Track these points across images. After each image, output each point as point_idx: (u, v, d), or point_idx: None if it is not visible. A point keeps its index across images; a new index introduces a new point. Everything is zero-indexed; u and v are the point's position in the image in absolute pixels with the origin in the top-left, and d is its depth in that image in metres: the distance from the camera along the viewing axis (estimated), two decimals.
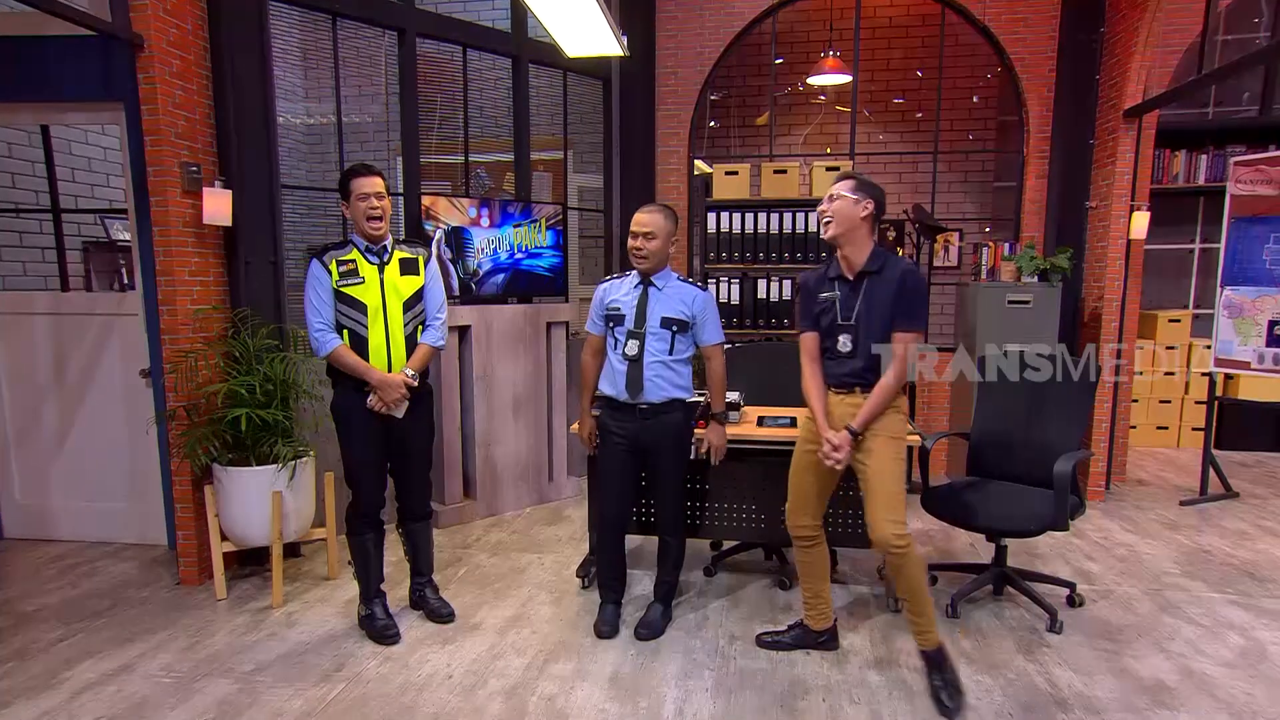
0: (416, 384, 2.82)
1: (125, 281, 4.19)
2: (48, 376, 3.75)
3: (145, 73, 3.08)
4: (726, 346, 2.97)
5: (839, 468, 2.52)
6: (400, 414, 2.80)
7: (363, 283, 2.74)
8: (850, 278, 2.52)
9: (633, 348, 2.77)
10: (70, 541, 3.82)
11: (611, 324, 2.83)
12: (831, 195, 2.50)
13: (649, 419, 2.81)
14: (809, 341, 2.63)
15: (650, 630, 2.89)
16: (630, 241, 2.79)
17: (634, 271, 2.85)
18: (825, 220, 2.50)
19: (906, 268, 2.49)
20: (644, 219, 2.77)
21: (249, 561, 3.51)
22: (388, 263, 2.80)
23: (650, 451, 2.85)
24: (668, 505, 2.95)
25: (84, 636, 2.91)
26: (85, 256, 4.24)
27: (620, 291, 2.85)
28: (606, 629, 2.90)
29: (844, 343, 2.54)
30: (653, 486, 2.98)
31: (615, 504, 2.92)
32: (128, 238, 3.80)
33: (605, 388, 2.86)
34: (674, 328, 2.79)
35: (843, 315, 2.54)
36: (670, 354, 2.79)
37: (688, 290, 2.84)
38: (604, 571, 2.99)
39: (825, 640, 2.81)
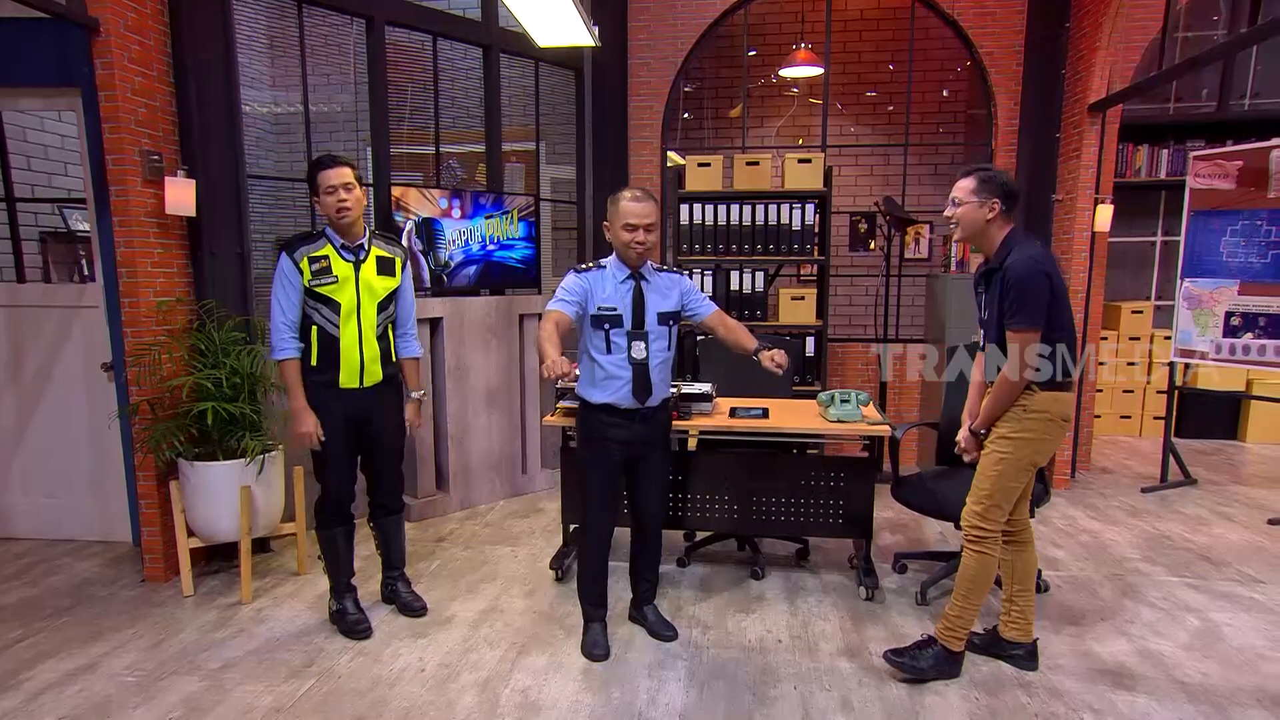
0: (424, 397, 2.86)
1: (85, 273, 4.08)
2: (4, 370, 3.65)
3: (102, 58, 3.00)
4: (700, 338, 2.97)
5: (966, 460, 2.58)
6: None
7: (336, 282, 2.67)
8: (989, 269, 2.45)
9: (639, 350, 2.56)
10: (30, 539, 3.73)
11: (606, 325, 2.55)
12: (954, 200, 2.41)
13: (647, 421, 2.65)
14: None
15: (673, 629, 2.84)
16: (627, 235, 2.52)
17: (609, 262, 2.62)
18: (953, 224, 2.44)
19: (1013, 261, 2.30)
20: (643, 209, 2.52)
21: (216, 557, 3.46)
22: (364, 260, 2.73)
23: (644, 453, 2.69)
24: (658, 501, 2.81)
25: (45, 636, 2.85)
26: (43, 247, 4.13)
27: (608, 288, 2.58)
28: (601, 651, 2.70)
29: (982, 337, 2.53)
30: (643, 485, 2.76)
31: (610, 514, 2.75)
32: (87, 228, 3.70)
33: (598, 395, 2.60)
34: (670, 322, 2.65)
35: (981, 311, 2.52)
36: (668, 350, 2.66)
37: (671, 278, 2.70)
38: (592, 587, 2.77)
39: (1018, 656, 2.62)
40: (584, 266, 2.63)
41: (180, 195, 3.19)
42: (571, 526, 3.55)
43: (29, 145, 4.12)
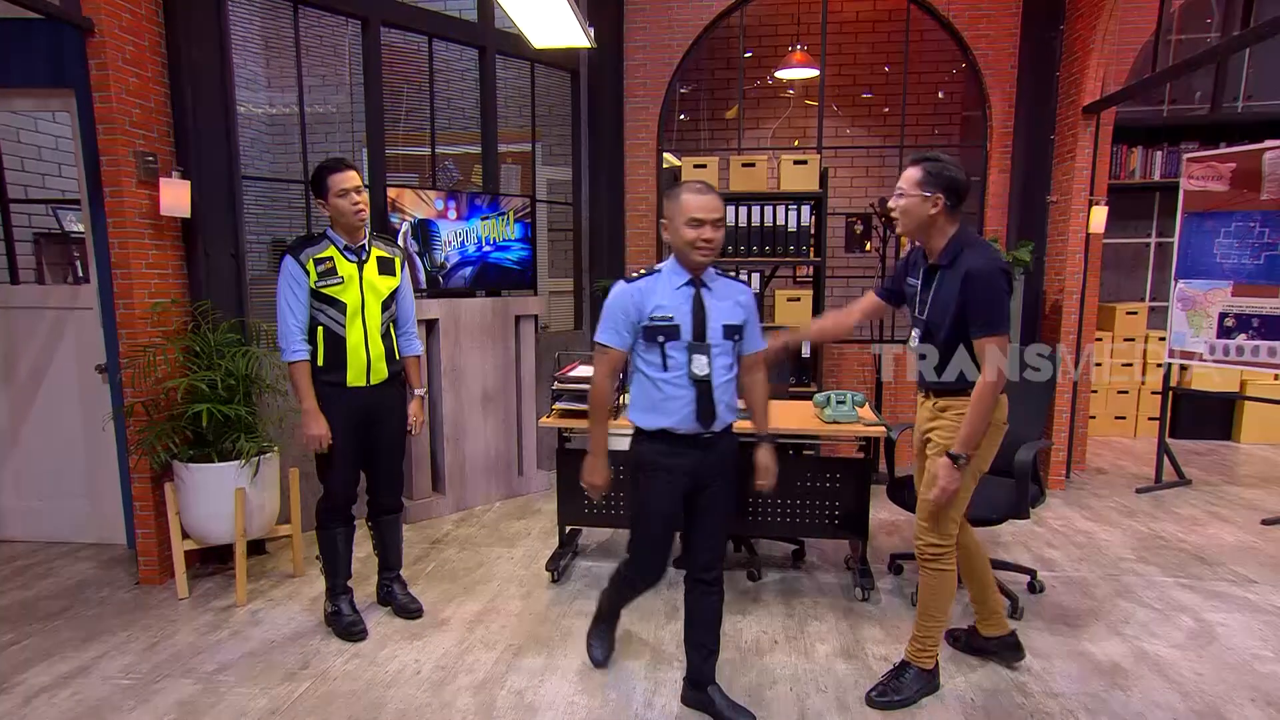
0: (426, 395, 2.82)
1: (79, 274, 4.07)
2: None
3: (96, 58, 2.99)
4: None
5: (944, 489, 2.31)
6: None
7: (342, 282, 2.70)
8: (930, 265, 2.36)
9: (701, 365, 2.19)
10: (24, 542, 3.71)
11: (661, 338, 2.18)
12: (899, 190, 2.33)
13: (709, 449, 2.25)
14: (867, 296, 2.62)
15: (750, 714, 2.32)
16: (692, 233, 2.14)
17: (665, 266, 2.25)
18: (894, 216, 2.35)
19: (974, 265, 2.21)
20: (710, 202, 2.15)
21: (212, 559, 3.45)
22: (366, 260, 2.77)
23: (705, 485, 2.28)
24: (718, 544, 2.38)
25: (38, 639, 2.83)
26: (37, 248, 4.12)
27: (663, 294, 2.20)
28: (601, 656, 2.66)
29: (914, 337, 2.42)
30: (700, 524, 2.32)
31: (666, 554, 2.36)
32: (81, 229, 3.69)
33: (654, 419, 2.22)
34: (735, 337, 2.26)
35: (918, 308, 2.39)
36: (731, 370, 2.27)
37: (737, 287, 2.30)
38: (609, 634, 2.68)
39: (1002, 649, 2.64)
40: (635, 275, 2.26)
41: (175, 196, 3.18)
42: (568, 528, 3.55)
43: (23, 146, 4.11)
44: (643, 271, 2.26)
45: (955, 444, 2.28)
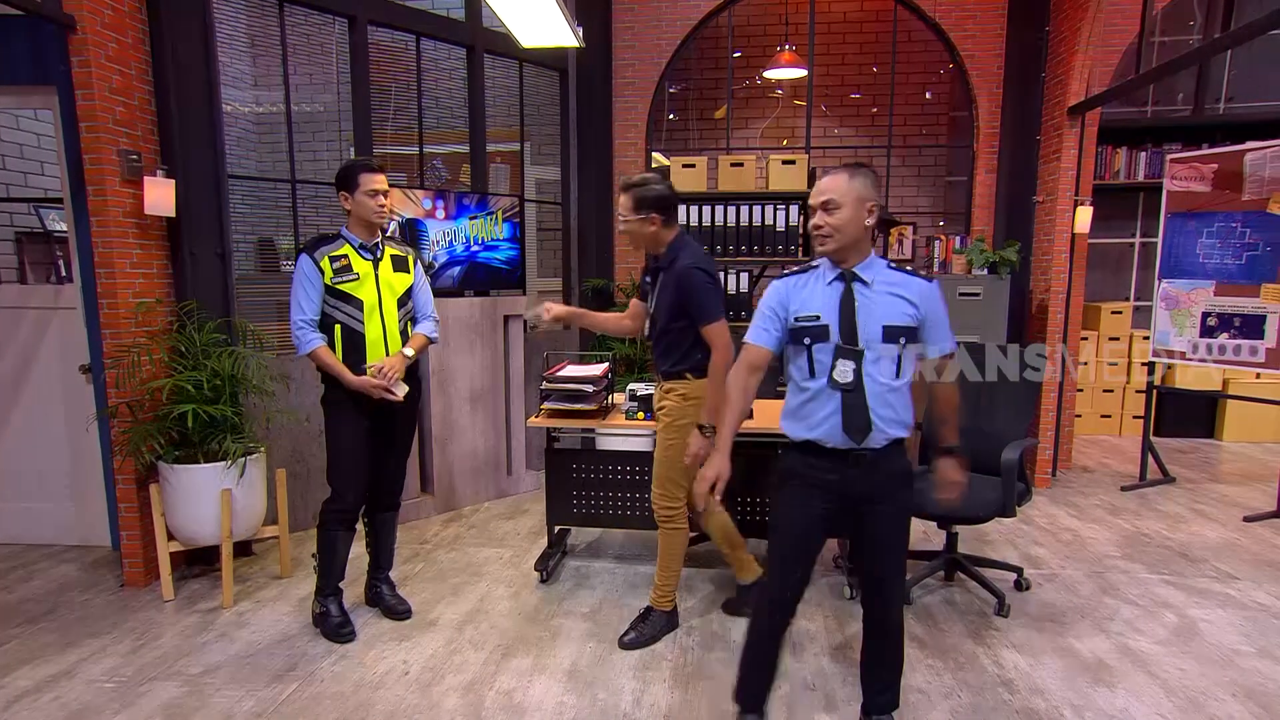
0: (414, 358, 2.86)
1: (62, 274, 4.03)
2: None
3: (79, 56, 2.96)
4: None
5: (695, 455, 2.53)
6: (400, 394, 2.77)
7: (358, 279, 2.73)
8: (655, 267, 2.75)
9: (845, 372, 1.96)
10: (6, 544, 3.67)
11: (808, 339, 1.99)
12: (621, 217, 2.68)
13: (864, 467, 2.00)
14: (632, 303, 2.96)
15: None
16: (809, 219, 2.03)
17: (822, 260, 2.05)
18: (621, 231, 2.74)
19: (680, 266, 2.57)
20: (823, 184, 1.98)
21: (197, 561, 3.42)
22: (380, 259, 2.80)
23: (860, 510, 2.03)
24: (894, 589, 2.12)
25: (20, 642, 2.80)
26: (19, 248, 4.08)
27: (809, 290, 2.01)
28: None
29: (647, 328, 2.80)
30: (866, 554, 2.11)
31: (798, 584, 2.12)
32: (64, 228, 3.65)
33: (799, 429, 2.03)
34: (902, 339, 1.98)
35: (650, 304, 2.75)
36: (899, 377, 2.00)
37: (907, 281, 2.03)
38: (752, 674, 2.18)
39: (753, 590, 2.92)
40: (791, 269, 2.11)
41: (159, 195, 3.15)
42: (557, 528, 3.54)
43: (4, 144, 4.06)
44: (799, 268, 2.08)
45: (703, 416, 2.54)
